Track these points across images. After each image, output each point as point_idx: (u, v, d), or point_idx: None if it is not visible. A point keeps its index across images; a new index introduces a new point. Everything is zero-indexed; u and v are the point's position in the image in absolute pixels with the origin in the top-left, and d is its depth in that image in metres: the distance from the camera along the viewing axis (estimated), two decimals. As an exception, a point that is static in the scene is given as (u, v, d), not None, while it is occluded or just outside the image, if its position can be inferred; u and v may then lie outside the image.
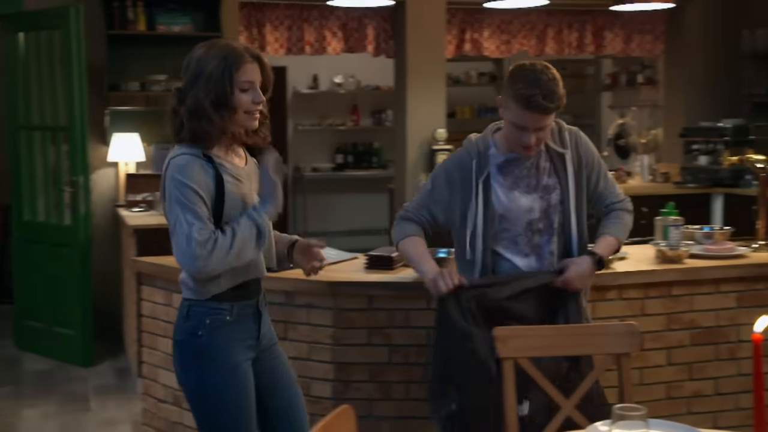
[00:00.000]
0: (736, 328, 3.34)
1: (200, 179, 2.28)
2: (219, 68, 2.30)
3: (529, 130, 2.56)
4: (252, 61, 2.35)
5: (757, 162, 3.60)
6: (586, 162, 2.73)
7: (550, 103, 2.52)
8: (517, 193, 2.68)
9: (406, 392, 3.07)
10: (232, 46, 2.36)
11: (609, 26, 7.33)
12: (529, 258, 2.70)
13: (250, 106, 2.35)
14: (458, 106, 9.49)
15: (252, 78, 2.35)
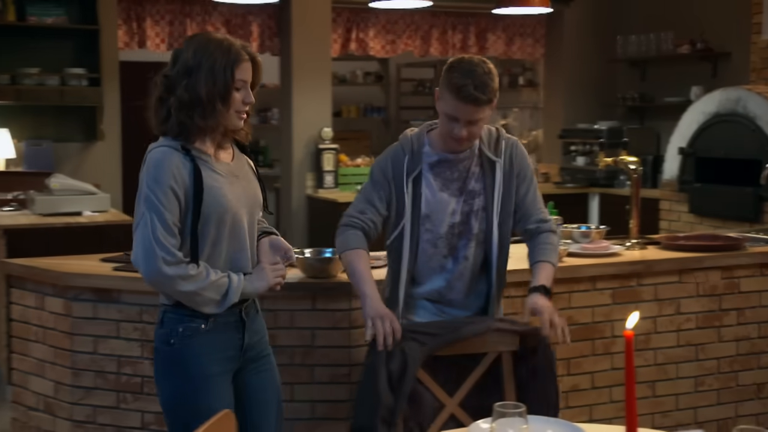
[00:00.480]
0: (611, 323, 3.46)
1: (176, 174, 2.21)
2: (222, 63, 2.24)
3: (461, 122, 2.54)
4: (248, 60, 2.30)
5: (629, 163, 3.74)
6: (518, 173, 2.70)
7: (482, 95, 2.50)
8: (446, 195, 2.67)
9: (291, 394, 3.04)
10: (231, 41, 2.29)
11: (491, 29, 7.49)
12: (447, 259, 2.69)
13: (240, 106, 2.30)
14: (344, 105, 9.51)
15: (246, 77, 2.29)
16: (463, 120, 2.54)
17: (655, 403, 3.54)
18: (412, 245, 2.67)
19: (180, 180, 2.22)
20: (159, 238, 2.19)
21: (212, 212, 2.26)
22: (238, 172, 2.37)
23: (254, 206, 2.41)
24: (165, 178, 2.21)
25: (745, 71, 6.00)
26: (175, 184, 2.21)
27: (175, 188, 2.21)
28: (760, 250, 3.67)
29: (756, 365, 3.68)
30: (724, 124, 5.24)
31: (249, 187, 2.40)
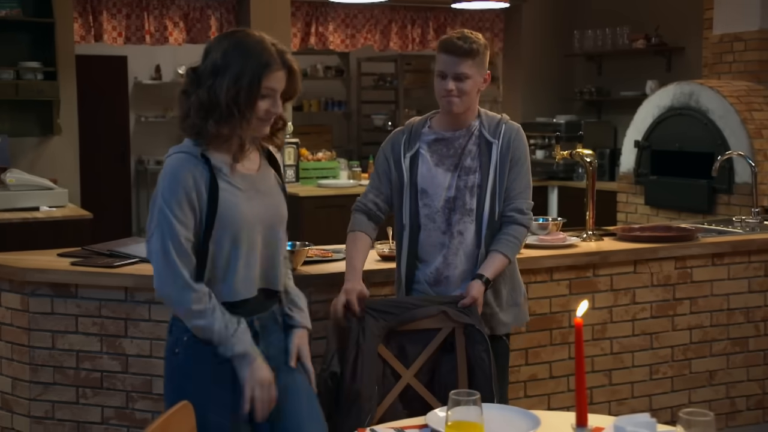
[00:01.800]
0: (568, 314, 3.52)
1: (192, 184, 2.11)
2: (250, 69, 2.12)
3: (448, 76, 2.69)
4: (281, 68, 2.18)
5: (585, 156, 3.80)
6: (512, 156, 2.78)
7: (464, 44, 2.67)
8: (441, 170, 2.78)
9: (251, 387, 3.05)
10: (266, 46, 2.17)
11: (450, 23, 7.53)
12: (445, 235, 2.78)
13: (264, 114, 2.17)
14: (305, 99, 9.49)
15: (276, 86, 2.17)
16: (451, 73, 2.69)
17: (611, 391, 3.61)
18: (412, 221, 2.79)
19: (196, 191, 2.13)
20: (171, 259, 2.10)
21: (226, 228, 2.16)
22: (260, 184, 2.25)
23: (275, 223, 2.29)
24: (180, 189, 2.11)
25: (698, 66, 6.11)
26: (191, 196, 2.12)
27: (192, 199, 2.12)
28: (712, 241, 3.76)
29: (708, 353, 3.77)
30: (678, 118, 5.33)
31: (271, 203, 2.28)
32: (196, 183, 2.13)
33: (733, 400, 3.83)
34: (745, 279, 3.80)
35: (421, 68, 9.67)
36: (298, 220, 6.24)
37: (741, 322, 3.81)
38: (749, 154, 4.71)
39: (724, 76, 5.44)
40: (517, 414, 2.03)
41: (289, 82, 2.22)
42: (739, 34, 5.34)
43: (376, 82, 9.74)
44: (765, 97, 5.10)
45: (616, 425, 1.49)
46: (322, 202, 6.28)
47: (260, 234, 2.23)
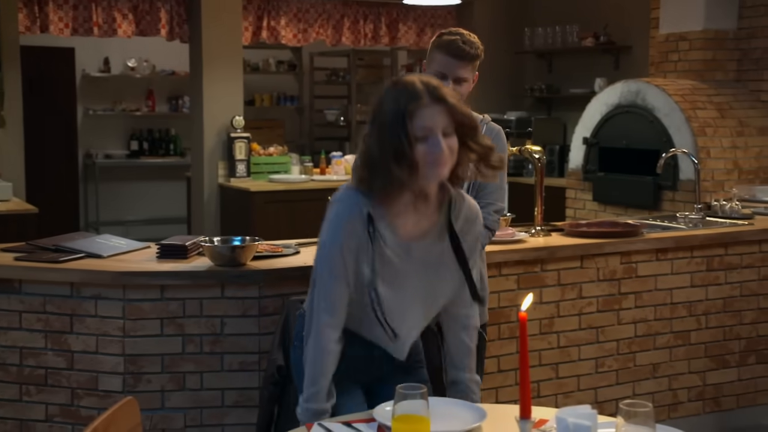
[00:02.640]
0: (516, 308, 3.56)
1: (351, 234, 2.05)
2: (392, 115, 1.98)
3: (449, 78, 2.70)
4: (431, 103, 1.98)
5: (533, 152, 3.85)
6: None
7: (470, 49, 2.70)
8: None
9: (200, 383, 3.03)
10: (412, 82, 2.01)
11: (402, 19, 7.55)
12: None
13: (429, 157, 1.96)
14: (257, 94, 9.44)
15: (429, 124, 1.96)
16: (452, 76, 2.71)
17: (558, 385, 3.67)
18: None
19: (353, 243, 2.07)
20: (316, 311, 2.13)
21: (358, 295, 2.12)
22: (421, 251, 2.11)
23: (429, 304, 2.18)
24: (339, 237, 2.07)
25: (645, 64, 6.22)
26: (348, 244, 2.07)
27: (349, 247, 2.07)
28: (656, 236, 3.83)
29: (652, 346, 3.85)
30: (625, 115, 5.42)
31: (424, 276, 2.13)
32: (355, 241, 2.07)
33: (675, 392, 3.92)
34: (688, 273, 3.88)
35: (373, 63, 9.68)
36: (248, 215, 6.21)
37: (683, 315, 3.89)
38: (693, 151, 4.81)
39: (669, 74, 5.54)
40: (463, 407, 2.06)
41: (452, 117, 2.00)
42: (684, 34, 5.45)
43: (329, 77, 9.72)
44: (708, 95, 5.21)
45: (557, 416, 1.52)
46: (273, 197, 6.26)
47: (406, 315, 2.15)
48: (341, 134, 9.54)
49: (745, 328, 4.04)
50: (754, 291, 4.05)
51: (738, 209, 4.32)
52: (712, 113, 5.10)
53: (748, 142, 5.12)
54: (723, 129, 5.07)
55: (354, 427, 1.96)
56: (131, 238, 3.56)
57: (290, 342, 2.62)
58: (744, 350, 4.06)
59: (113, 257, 3.15)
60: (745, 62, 5.40)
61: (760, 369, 4.08)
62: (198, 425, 3.04)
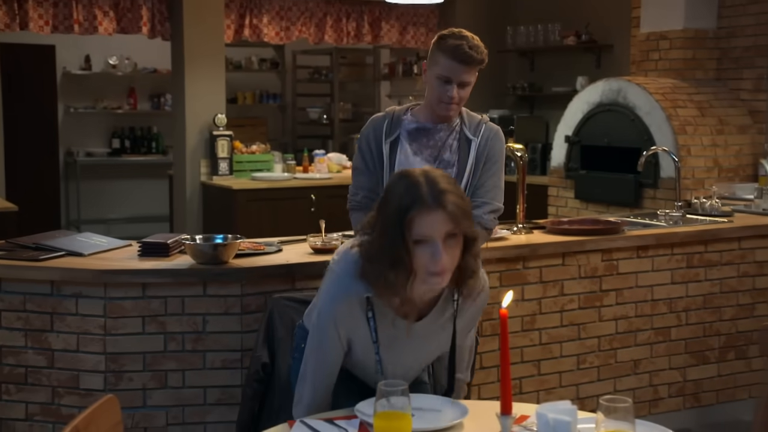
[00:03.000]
0: (498, 305, 3.57)
1: (345, 318, 2.01)
2: (393, 217, 1.87)
3: (454, 83, 2.69)
4: (433, 209, 1.85)
5: (516, 150, 3.86)
6: (487, 154, 2.81)
7: (476, 54, 2.69)
8: (419, 159, 2.78)
9: (182, 380, 3.03)
10: (416, 180, 1.89)
11: (385, 17, 7.56)
12: None
13: (429, 265, 1.86)
14: (240, 92, 9.41)
15: (429, 232, 1.85)
16: (456, 80, 2.69)
17: (540, 381, 3.68)
18: None
19: (345, 328, 2.04)
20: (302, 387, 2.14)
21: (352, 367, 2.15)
22: (422, 330, 2.05)
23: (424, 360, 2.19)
24: (332, 318, 2.03)
25: (626, 63, 6.26)
26: (340, 328, 2.04)
27: (340, 332, 2.05)
28: (637, 234, 3.86)
29: (633, 342, 3.87)
30: (606, 114, 5.45)
31: (419, 349, 2.11)
32: (351, 318, 2.02)
33: (656, 388, 3.95)
34: (668, 270, 3.91)
35: (356, 62, 9.67)
36: (231, 213, 6.19)
37: (664, 312, 3.92)
38: (674, 149, 4.84)
39: (650, 73, 5.58)
40: (445, 404, 2.06)
41: (454, 224, 1.87)
42: (664, 33, 5.48)
43: (312, 75, 9.71)
44: (689, 94, 5.25)
45: (538, 412, 1.53)
46: (255, 195, 6.25)
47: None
48: (324, 132, 9.54)
49: (724, 325, 4.08)
50: (733, 288, 4.08)
51: (718, 207, 4.35)
52: (693, 112, 5.14)
53: (728, 140, 5.16)
54: (703, 127, 5.11)
55: (336, 424, 1.96)
56: (113, 236, 3.54)
57: (274, 339, 2.62)
58: (723, 346, 4.09)
59: (94, 255, 3.14)
60: (725, 61, 5.44)
61: (739, 365, 4.12)
62: (180, 423, 3.03)
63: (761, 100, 5.24)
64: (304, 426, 1.95)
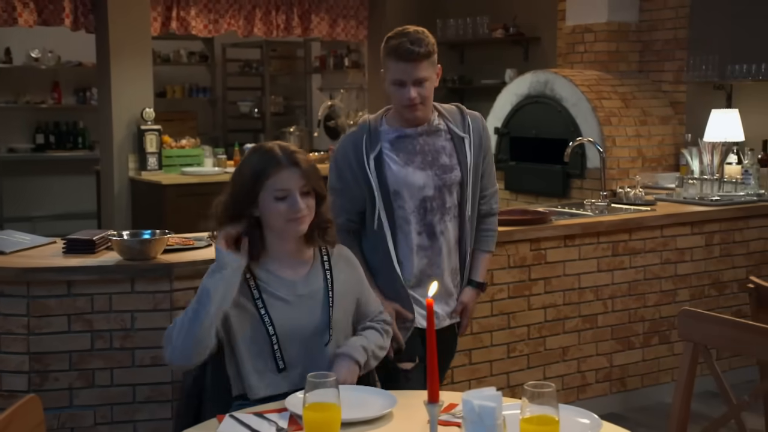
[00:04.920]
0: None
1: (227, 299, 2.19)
2: (248, 180, 2.21)
3: (408, 84, 2.58)
4: (288, 166, 2.20)
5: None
6: (485, 149, 2.79)
7: (418, 48, 2.56)
8: (411, 168, 2.68)
9: (110, 379, 2.98)
10: (270, 150, 2.23)
11: (315, 10, 7.52)
12: (422, 236, 2.71)
13: (289, 214, 2.19)
14: (169, 86, 9.27)
15: (287, 186, 2.19)
16: (410, 80, 2.58)
17: (471, 371, 3.73)
18: (391, 224, 2.69)
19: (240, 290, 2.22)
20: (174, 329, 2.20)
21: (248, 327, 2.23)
22: (305, 290, 2.28)
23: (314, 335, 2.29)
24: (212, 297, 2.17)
25: (553, 55, 6.36)
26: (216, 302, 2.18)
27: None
28: (564, 223, 3.94)
29: (561, 330, 3.95)
30: (534, 105, 5.54)
31: (309, 312, 2.28)
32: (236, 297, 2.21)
33: (584, 374, 4.04)
34: (594, 259, 4.00)
35: (286, 54, 9.61)
36: (160, 208, 6.10)
37: (591, 299, 4.01)
38: (599, 140, 4.95)
39: (576, 65, 5.69)
40: (374, 394, 2.08)
41: (306, 179, 2.21)
42: (589, 26, 5.59)
43: (242, 68, 9.62)
44: (613, 86, 5.37)
45: (464, 399, 1.55)
46: (185, 190, 6.16)
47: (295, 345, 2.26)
48: (255, 126, 9.46)
49: (648, 311, 4.19)
50: (656, 274, 4.20)
51: (641, 196, 4.47)
52: (617, 103, 5.26)
53: (651, 131, 5.30)
54: (627, 118, 5.23)
55: (266, 418, 1.96)
56: (39, 234, 3.46)
57: None
58: (648, 332, 4.21)
59: (16, 253, 3.07)
60: (647, 54, 5.58)
61: (662, 349, 4.24)
62: (108, 422, 2.99)
63: (681, 92, 5.39)
64: (234, 420, 1.94)
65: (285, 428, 1.89)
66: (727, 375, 4.11)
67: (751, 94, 5.26)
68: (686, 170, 4.88)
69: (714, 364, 2.19)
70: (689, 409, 2.24)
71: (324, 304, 2.29)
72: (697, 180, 4.65)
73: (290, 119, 9.38)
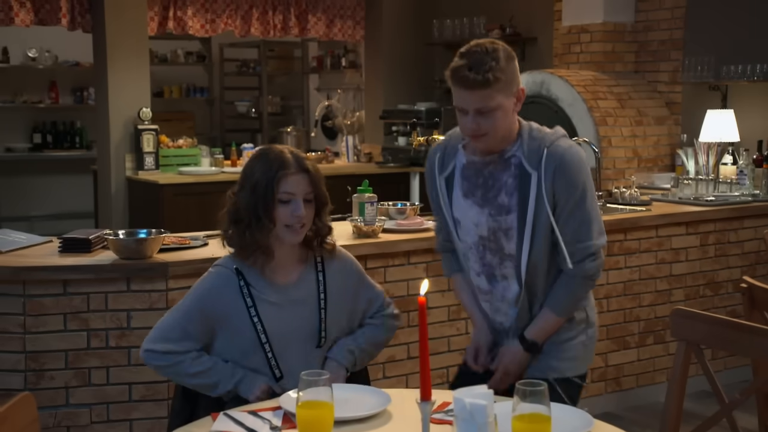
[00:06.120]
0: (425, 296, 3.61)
1: (213, 303, 2.25)
2: (262, 179, 2.23)
3: (469, 112, 2.22)
4: (297, 172, 2.23)
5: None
6: (556, 191, 2.27)
7: (476, 75, 2.18)
8: (470, 202, 2.36)
9: (106, 377, 2.99)
10: (280, 151, 2.27)
11: (312, 10, 7.53)
12: (480, 278, 2.42)
13: (289, 219, 2.23)
14: (166, 86, 9.27)
15: (293, 189, 2.23)
16: (470, 109, 2.22)
17: (466, 369, 3.74)
18: (461, 254, 2.46)
19: (214, 309, 2.25)
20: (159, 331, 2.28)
21: (240, 341, 2.26)
22: (297, 295, 2.30)
23: (305, 339, 2.31)
24: (201, 301, 2.26)
25: (549, 55, 6.37)
26: (205, 309, 2.25)
27: (205, 312, 2.26)
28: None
29: (556, 329, 3.95)
30: (530, 105, 5.53)
31: (300, 317, 2.30)
32: (221, 301, 2.25)
33: (580, 374, 4.04)
34: (590, 259, 4.00)
35: (284, 54, 9.62)
36: (157, 208, 6.11)
37: (586, 299, 4.01)
38: (595, 140, 4.96)
39: (572, 65, 5.70)
40: (367, 392, 2.09)
41: (312, 186, 2.26)
42: (585, 26, 5.61)
43: (239, 68, 9.62)
44: (609, 86, 5.38)
45: (455, 397, 1.56)
46: (182, 189, 6.17)
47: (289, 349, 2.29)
48: (253, 126, 9.47)
49: (643, 310, 4.21)
50: (651, 274, 4.21)
51: (637, 196, 4.48)
52: (613, 103, 5.27)
53: (646, 131, 5.31)
54: (623, 119, 5.24)
55: (260, 416, 1.97)
56: (36, 234, 3.47)
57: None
58: (643, 331, 4.22)
59: (12, 252, 3.08)
60: (642, 54, 5.59)
61: (657, 349, 4.26)
62: (104, 421, 3.00)
63: (677, 92, 5.40)
64: (228, 418, 1.95)
65: (279, 426, 1.90)
66: (722, 375, 4.15)
67: (746, 94, 5.27)
68: (682, 170, 4.89)
69: (706, 363, 2.20)
70: (682, 407, 2.25)
71: (315, 308, 2.31)
72: (693, 180, 4.67)
73: (287, 119, 9.39)
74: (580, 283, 2.36)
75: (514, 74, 2.28)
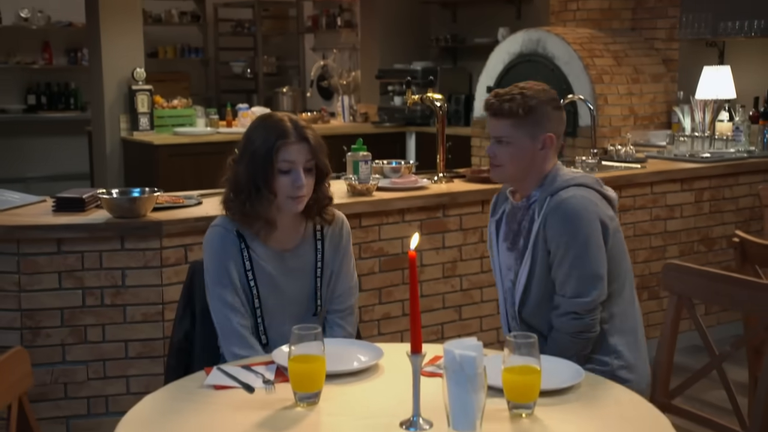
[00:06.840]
0: (419, 253, 3.63)
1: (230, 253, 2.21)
2: (261, 148, 2.16)
3: (492, 139, 2.31)
4: (297, 141, 2.17)
5: (435, 101, 3.89)
6: (548, 240, 2.26)
7: (501, 103, 2.25)
8: (505, 246, 2.38)
9: (102, 335, 3.01)
10: (279, 119, 2.20)
11: (307, -32, 7.45)
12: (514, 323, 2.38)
13: (290, 191, 2.17)
14: (160, 46, 9.20)
15: (292, 158, 2.16)
16: (492, 135, 2.31)
17: (461, 326, 3.77)
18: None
19: (236, 261, 2.22)
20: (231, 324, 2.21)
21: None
22: (294, 264, 2.27)
23: (299, 307, 2.29)
24: (219, 260, 2.21)
25: (545, 13, 6.31)
26: (230, 264, 2.21)
27: (230, 267, 2.21)
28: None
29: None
30: (527, 64, 5.51)
31: (296, 285, 2.28)
32: (235, 254, 2.22)
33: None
34: (584, 216, 4.01)
35: (279, 14, 9.53)
36: (152, 168, 6.10)
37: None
38: (591, 98, 4.93)
39: (569, 23, 5.65)
40: (359, 346, 2.10)
41: (313, 155, 2.19)
42: (582, -17, 5.55)
43: (234, 28, 9.54)
44: (605, 44, 5.34)
45: (445, 349, 1.57)
46: (177, 150, 6.15)
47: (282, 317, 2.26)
48: (248, 86, 9.41)
49: (638, 267, 4.22)
50: (646, 231, 4.22)
51: (632, 153, 4.47)
52: (609, 61, 5.24)
53: (642, 89, 5.28)
54: (619, 76, 5.21)
55: (253, 370, 1.98)
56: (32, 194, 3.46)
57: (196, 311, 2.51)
58: (637, 287, 4.20)
59: (6, 211, 3.08)
60: (639, 11, 5.54)
61: (652, 305, 4.28)
62: (101, 378, 3.02)
63: (674, 49, 5.37)
64: (221, 372, 1.96)
65: (271, 380, 1.92)
66: (714, 330, 4.18)
67: (743, 51, 5.24)
68: (678, 128, 4.88)
69: (697, 316, 2.22)
70: (672, 359, 2.27)
71: (312, 277, 2.29)
72: (688, 137, 4.65)
73: (283, 79, 9.33)
74: (564, 338, 2.26)
75: (544, 117, 2.28)
